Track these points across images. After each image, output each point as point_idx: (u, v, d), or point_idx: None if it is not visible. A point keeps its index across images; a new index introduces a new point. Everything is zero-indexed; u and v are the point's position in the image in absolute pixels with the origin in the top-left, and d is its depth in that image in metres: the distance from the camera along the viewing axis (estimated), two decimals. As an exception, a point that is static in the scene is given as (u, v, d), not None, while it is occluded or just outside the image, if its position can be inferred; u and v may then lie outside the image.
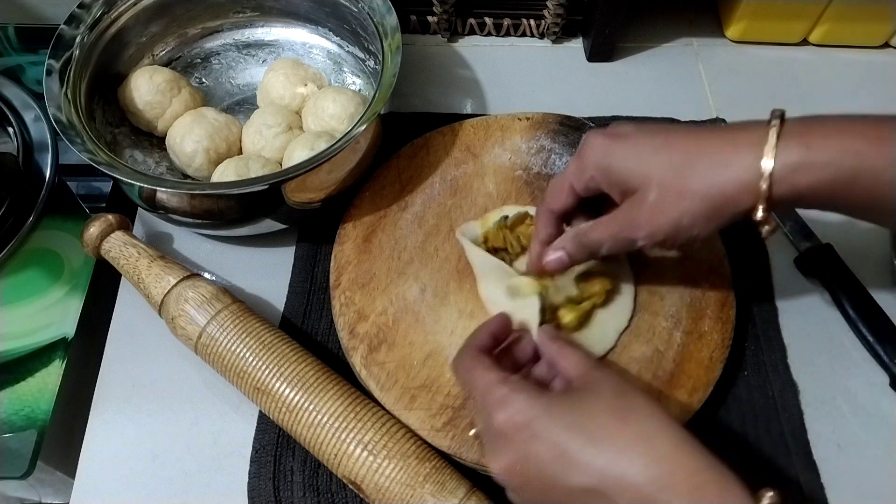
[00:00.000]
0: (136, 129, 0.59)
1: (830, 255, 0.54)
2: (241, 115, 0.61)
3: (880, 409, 0.49)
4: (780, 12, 0.67)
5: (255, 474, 0.46)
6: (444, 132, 0.59)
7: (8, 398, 0.49)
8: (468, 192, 0.56)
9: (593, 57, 0.69)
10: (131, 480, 0.46)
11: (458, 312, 0.50)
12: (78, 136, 0.49)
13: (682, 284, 0.51)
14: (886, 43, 0.70)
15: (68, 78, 0.52)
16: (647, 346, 0.48)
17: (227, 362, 0.45)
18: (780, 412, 0.48)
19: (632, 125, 0.41)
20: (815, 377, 0.50)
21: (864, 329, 0.51)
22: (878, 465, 0.47)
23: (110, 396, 0.49)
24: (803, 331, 0.52)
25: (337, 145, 0.48)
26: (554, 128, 0.58)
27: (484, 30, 0.70)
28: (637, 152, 0.39)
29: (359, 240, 0.53)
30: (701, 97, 0.67)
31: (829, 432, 0.48)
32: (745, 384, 0.50)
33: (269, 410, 0.45)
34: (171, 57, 0.63)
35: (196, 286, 0.47)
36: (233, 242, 0.57)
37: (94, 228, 0.50)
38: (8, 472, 0.47)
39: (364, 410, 0.43)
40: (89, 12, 0.55)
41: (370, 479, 0.41)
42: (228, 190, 0.48)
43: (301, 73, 0.59)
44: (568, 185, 0.42)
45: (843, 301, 0.52)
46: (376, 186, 0.56)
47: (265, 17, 0.64)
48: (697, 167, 0.37)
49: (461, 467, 0.44)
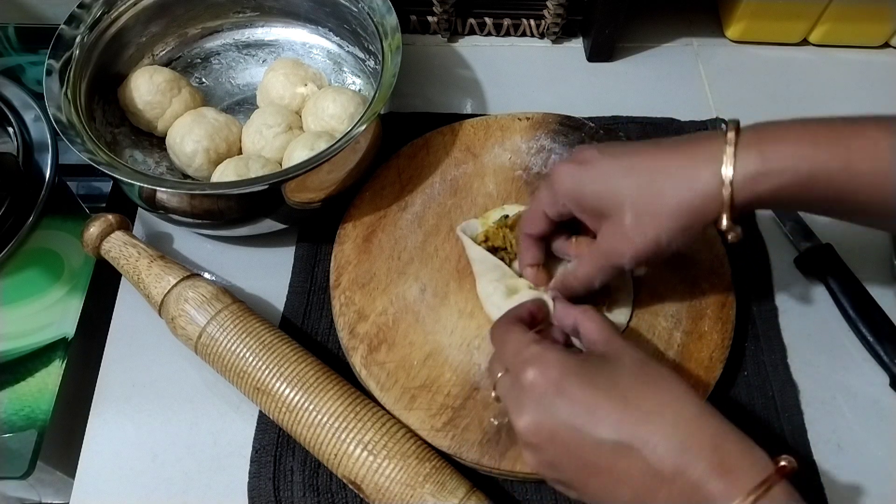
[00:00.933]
0: (136, 129, 0.59)
1: (830, 255, 0.54)
2: (241, 115, 0.61)
3: (880, 409, 0.49)
4: (780, 12, 0.67)
5: (255, 474, 0.46)
6: (444, 132, 0.59)
7: (8, 398, 0.49)
8: (468, 192, 0.56)
9: (593, 57, 0.69)
10: (131, 480, 0.46)
11: (458, 312, 0.50)
12: (78, 136, 0.49)
13: (682, 284, 0.51)
14: (886, 43, 0.70)
15: (68, 78, 0.52)
16: (647, 346, 0.48)
17: (227, 362, 0.45)
18: (780, 412, 0.48)
19: (595, 149, 0.42)
20: (815, 377, 0.50)
21: (864, 329, 0.51)
22: (878, 465, 0.47)
23: (110, 396, 0.49)
24: (803, 331, 0.52)
25: (337, 145, 0.48)
26: (554, 128, 0.58)
27: (484, 30, 0.70)
28: (605, 178, 0.40)
29: (359, 240, 0.53)
30: (701, 97, 0.67)
31: (829, 432, 0.48)
32: (745, 384, 0.50)
33: (269, 410, 0.45)
34: (171, 57, 0.63)
35: (196, 286, 0.47)
36: (233, 242, 0.57)
37: (94, 228, 0.50)
38: (8, 472, 0.47)
39: (364, 410, 0.43)
40: (89, 12, 0.55)
41: (370, 479, 0.41)
42: (228, 190, 0.48)
43: (301, 73, 0.59)
44: (542, 213, 0.44)
45: (843, 301, 0.52)
46: (376, 186, 0.56)
47: (265, 17, 0.64)
48: (665, 186, 0.39)
49: (461, 467, 0.44)
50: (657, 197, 0.39)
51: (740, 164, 0.36)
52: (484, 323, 0.49)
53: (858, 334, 0.52)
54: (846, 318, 0.52)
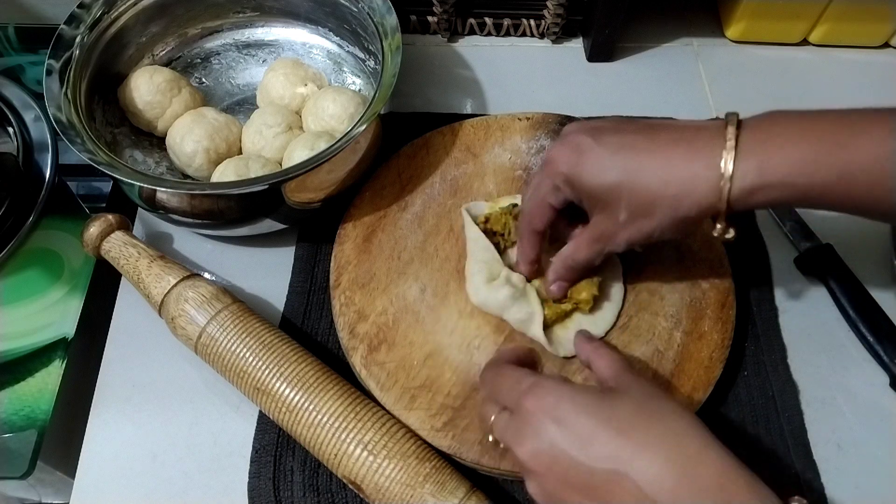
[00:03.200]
0: (136, 129, 0.59)
1: (830, 255, 0.54)
2: (241, 115, 0.61)
3: (880, 409, 0.49)
4: (780, 12, 0.67)
5: (255, 474, 0.46)
6: (444, 132, 0.59)
7: (8, 398, 0.49)
8: (468, 192, 0.56)
9: (593, 57, 0.69)
10: (131, 480, 0.46)
11: (458, 312, 0.50)
12: (78, 136, 0.49)
13: (682, 284, 0.51)
14: (886, 43, 0.70)
15: (68, 78, 0.52)
16: (647, 346, 0.48)
17: (227, 362, 0.45)
18: (780, 412, 0.48)
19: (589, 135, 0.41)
20: (815, 377, 0.50)
21: (864, 329, 0.51)
22: (878, 465, 0.47)
23: (110, 396, 0.49)
24: (803, 331, 0.52)
25: (337, 145, 0.48)
26: (554, 128, 0.58)
27: (484, 30, 0.70)
28: (600, 171, 0.40)
29: (359, 240, 0.53)
30: (701, 97, 0.67)
31: (829, 432, 0.48)
32: (745, 384, 0.50)
33: (269, 410, 0.45)
34: (171, 57, 0.63)
35: (196, 286, 0.47)
36: (233, 242, 0.57)
37: (94, 228, 0.50)
38: (8, 472, 0.47)
39: (364, 410, 0.43)
40: (89, 12, 0.55)
41: (370, 479, 0.41)
42: (228, 190, 0.48)
43: (301, 73, 0.59)
44: (547, 204, 0.44)
45: (843, 301, 0.52)
46: (376, 186, 0.56)
47: (265, 17, 0.64)
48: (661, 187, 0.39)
49: (461, 467, 0.44)
50: (653, 195, 0.39)
51: (738, 176, 0.37)
52: (483, 323, 0.49)
53: (858, 334, 0.52)
54: (846, 318, 0.52)
